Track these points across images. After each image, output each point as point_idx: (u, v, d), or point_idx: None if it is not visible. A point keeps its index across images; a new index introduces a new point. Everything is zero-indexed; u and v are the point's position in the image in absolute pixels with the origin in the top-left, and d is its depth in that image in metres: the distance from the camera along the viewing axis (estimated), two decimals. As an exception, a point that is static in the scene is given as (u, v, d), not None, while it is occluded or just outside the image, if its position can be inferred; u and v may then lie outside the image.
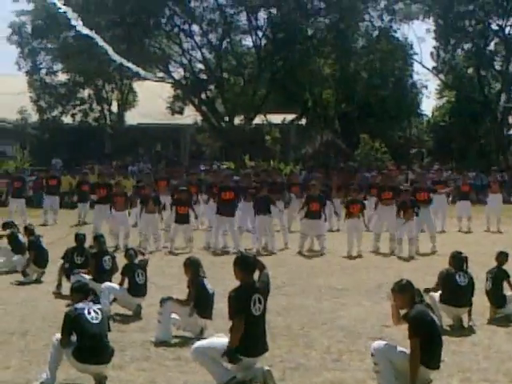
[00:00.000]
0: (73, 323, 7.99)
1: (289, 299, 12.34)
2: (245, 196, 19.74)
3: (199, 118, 45.34)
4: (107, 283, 11.56)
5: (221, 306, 10.56)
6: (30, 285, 14.04)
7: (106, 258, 12.49)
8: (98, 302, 8.50)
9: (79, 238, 13.53)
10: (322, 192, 19.74)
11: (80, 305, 8.15)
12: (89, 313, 8.02)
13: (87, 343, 7.88)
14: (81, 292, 8.44)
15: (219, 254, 18.10)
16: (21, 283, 14.15)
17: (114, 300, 11.47)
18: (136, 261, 11.70)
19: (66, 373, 8.21)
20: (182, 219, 18.82)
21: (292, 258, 17.73)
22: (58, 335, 8.07)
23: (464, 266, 10.84)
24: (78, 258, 13.18)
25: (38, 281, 14.27)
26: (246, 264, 8.08)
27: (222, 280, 12.05)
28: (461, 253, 11.03)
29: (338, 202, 22.78)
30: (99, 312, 8.13)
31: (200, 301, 9.90)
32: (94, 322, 7.99)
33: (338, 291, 13.26)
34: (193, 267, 10.08)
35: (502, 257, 11.36)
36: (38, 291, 13.41)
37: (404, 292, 7.85)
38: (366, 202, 20.41)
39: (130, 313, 11.32)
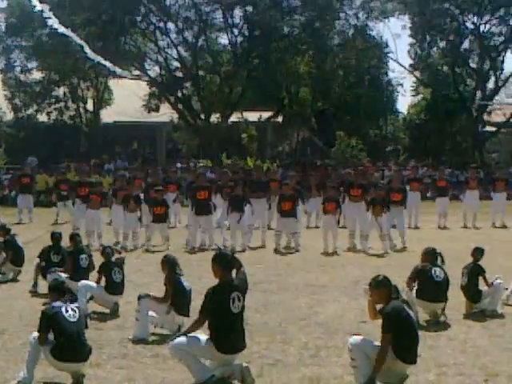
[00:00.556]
0: (50, 321, 7.97)
1: (266, 296, 12.37)
2: (221, 194, 19.87)
3: (175, 116, 45.23)
4: (84, 281, 11.54)
5: (198, 303, 10.55)
6: (6, 284, 13.96)
7: (83, 256, 12.46)
8: (75, 301, 8.48)
9: (55, 237, 13.50)
10: (296, 190, 19.85)
11: (57, 303, 8.13)
12: (66, 311, 8.01)
13: (65, 341, 7.87)
14: (58, 290, 8.42)
15: (196, 251, 18.09)
16: (-4, 282, 14.09)
17: (91, 298, 11.46)
18: (113, 259, 11.68)
19: (43, 371, 8.19)
20: (158, 219, 18.88)
21: (269, 255, 17.77)
22: (36, 334, 8.05)
23: (438, 261, 10.93)
24: (55, 256, 13.14)
25: (14, 280, 14.20)
26: (224, 262, 8.10)
27: (199, 278, 12.08)
28: (434, 248, 11.11)
29: (318, 200, 22.86)
30: (76, 310, 8.12)
31: (177, 298, 9.90)
32: (72, 320, 7.98)
33: (315, 288, 13.30)
34: (169, 265, 10.09)
35: (477, 253, 11.45)
36: (14, 290, 13.35)
37: (380, 287, 7.90)
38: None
39: (107, 311, 11.31)
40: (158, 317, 9.98)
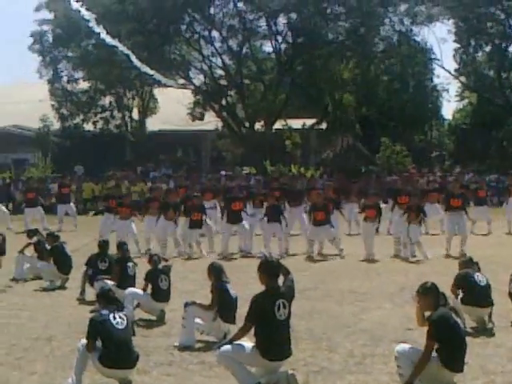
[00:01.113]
0: (98, 328, 8.08)
1: (311, 303, 12.36)
2: (254, 202, 20.07)
3: (220, 124, 45.44)
4: (131, 289, 11.65)
5: (244, 310, 10.63)
6: (54, 291, 14.15)
7: (130, 264, 12.59)
8: (123, 309, 8.57)
9: (102, 245, 13.66)
10: (330, 199, 19.89)
11: (105, 310, 8.24)
12: (114, 318, 8.11)
13: (113, 348, 7.97)
14: (105, 298, 8.53)
15: (240, 257, 18.19)
16: (45, 289, 14.28)
17: (138, 305, 11.56)
18: (160, 266, 11.78)
19: (91, 378, 8.30)
20: (195, 225, 19.07)
21: (311, 262, 17.76)
22: (84, 341, 8.16)
23: (476, 268, 10.86)
24: (102, 264, 13.28)
25: (62, 287, 14.39)
26: (270, 269, 8.13)
27: (245, 285, 12.11)
28: (471, 258, 11.07)
29: (356, 206, 22.88)
30: (124, 317, 8.22)
31: (223, 305, 9.95)
32: (119, 327, 8.07)
33: (360, 295, 13.27)
34: (215, 272, 10.15)
35: None
36: (62, 297, 13.53)
37: (428, 294, 7.87)
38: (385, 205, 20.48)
39: (153, 318, 11.40)
40: (204, 324, 10.04)
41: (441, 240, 19.05)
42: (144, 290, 11.54)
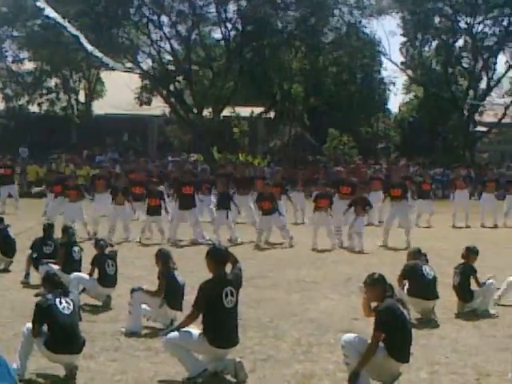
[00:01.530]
0: (44, 313, 7.96)
1: (259, 291, 12.37)
2: (201, 189, 20.11)
3: (167, 110, 45.17)
4: (76, 273, 11.53)
5: (191, 297, 10.58)
6: (-4, 274, 13.94)
7: (75, 248, 12.44)
8: (68, 294, 8.45)
9: (47, 228, 13.47)
10: (279, 186, 19.95)
11: (51, 295, 8.12)
12: (60, 303, 7.99)
13: (59, 333, 7.87)
14: (51, 282, 8.41)
15: (189, 245, 18.13)
16: (-12, 273, 14.05)
17: (83, 290, 11.43)
18: (106, 251, 11.67)
19: (36, 362, 8.17)
20: (153, 211, 18.86)
21: (261, 250, 17.79)
22: (29, 325, 8.03)
23: (424, 260, 10.98)
24: (47, 247, 13.11)
25: (5, 270, 14.17)
26: (218, 256, 8.11)
27: (192, 272, 12.07)
28: (419, 248, 11.19)
29: (302, 195, 23.06)
30: (70, 302, 8.11)
31: (170, 292, 9.91)
32: (66, 312, 7.97)
33: (308, 284, 13.33)
34: (163, 258, 10.10)
35: (470, 252, 11.47)
36: (6, 280, 13.31)
37: (375, 285, 7.91)
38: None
39: (99, 303, 11.30)
40: (150, 310, 9.97)
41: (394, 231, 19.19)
42: (90, 274, 11.42)
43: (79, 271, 11.82)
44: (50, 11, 17.99)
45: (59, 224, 15.00)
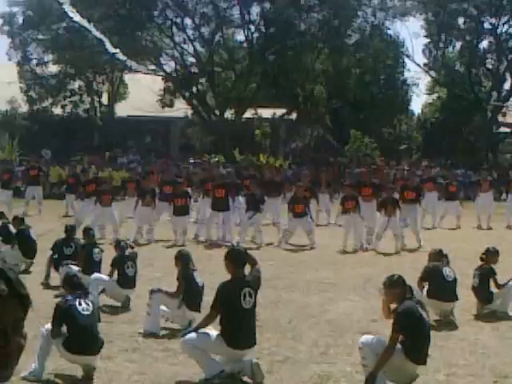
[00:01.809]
0: (64, 314, 8.02)
1: (277, 293, 12.38)
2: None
3: (189, 112, 45.31)
4: (96, 274, 11.59)
5: (210, 298, 10.63)
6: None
7: (96, 249, 12.52)
8: (88, 295, 8.51)
9: (68, 229, 13.55)
10: (309, 190, 19.95)
11: (71, 296, 8.17)
12: (79, 304, 8.05)
13: (78, 334, 7.92)
14: (71, 283, 8.47)
15: (210, 247, 18.17)
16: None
17: (103, 291, 11.49)
18: (126, 252, 11.72)
19: (54, 363, 8.23)
20: (180, 211, 18.93)
21: (281, 252, 17.79)
22: (47, 326, 8.09)
23: (445, 261, 10.94)
24: (67, 249, 13.18)
25: (26, 271, 14.25)
26: (236, 258, 8.14)
27: (212, 273, 12.10)
28: (441, 249, 11.14)
29: (327, 197, 23.02)
30: (90, 304, 8.17)
31: (189, 293, 9.94)
32: (85, 313, 8.03)
33: (326, 285, 13.32)
34: (183, 260, 10.13)
35: (489, 254, 11.42)
36: (26, 281, 13.22)
37: (395, 287, 7.88)
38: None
39: (118, 304, 11.35)
40: (169, 311, 10.01)
41: (410, 233, 19.11)
42: (110, 275, 11.48)
43: (99, 272, 11.89)
44: (75, 15, 18.16)
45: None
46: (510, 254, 15.82)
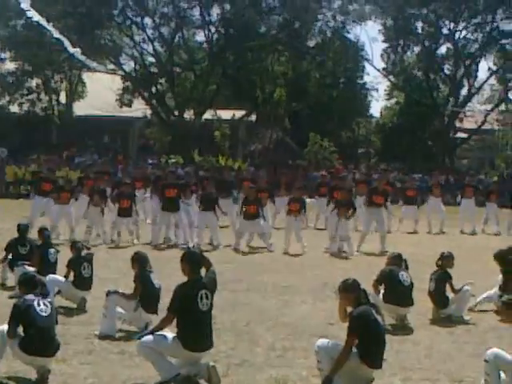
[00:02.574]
0: (22, 315, 7.89)
1: (235, 295, 12.35)
2: (185, 193, 19.88)
3: (148, 112, 45.12)
4: (52, 275, 11.45)
5: (167, 300, 10.55)
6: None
7: (51, 250, 12.38)
8: (47, 295, 8.39)
9: (22, 229, 13.36)
10: (266, 191, 19.97)
11: (29, 296, 8.04)
12: (38, 305, 7.94)
13: (35, 335, 7.80)
14: (29, 284, 8.34)
15: (165, 248, 18.10)
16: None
17: (58, 292, 11.36)
18: (83, 254, 11.62)
19: (7, 366, 8.11)
20: (124, 212, 18.81)
21: (238, 254, 17.78)
22: (3, 327, 7.97)
23: (403, 266, 11.01)
24: (22, 248, 12.99)
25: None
26: (193, 260, 8.10)
27: (168, 275, 12.03)
28: (400, 254, 11.20)
29: (285, 200, 23.01)
30: (48, 305, 8.06)
31: (146, 295, 9.88)
32: (43, 314, 7.91)
33: (284, 288, 13.32)
34: (140, 262, 10.07)
35: (445, 259, 11.51)
36: None
37: (350, 291, 7.90)
38: (313, 200, 20.68)
39: (73, 306, 11.24)
40: (125, 313, 9.94)
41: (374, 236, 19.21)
42: (66, 277, 11.36)
43: (55, 273, 11.76)
44: (33, 13, 17.90)
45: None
46: (466, 258, 16.02)
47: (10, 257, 12.87)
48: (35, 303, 7.96)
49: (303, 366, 8.63)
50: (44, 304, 8.02)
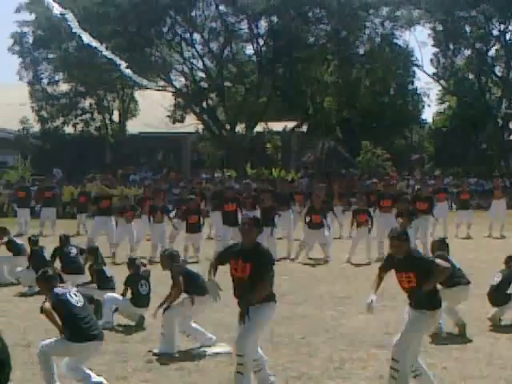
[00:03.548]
0: (61, 310, 8.04)
1: (291, 308, 12.34)
2: (245, 205, 19.81)
3: (200, 127, 45.42)
4: (110, 294, 11.58)
5: (225, 315, 10.68)
6: (32, 296, 14.02)
7: (106, 268, 12.66)
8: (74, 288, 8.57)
9: (63, 240, 14.22)
10: (324, 202, 19.92)
11: (59, 290, 8.16)
12: (71, 296, 8.06)
13: (79, 324, 7.94)
14: (49, 279, 8.45)
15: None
16: (23, 295, 14.18)
17: (116, 310, 11.48)
18: (140, 271, 11.73)
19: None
20: (192, 229, 18.88)
21: (294, 266, 17.78)
22: (43, 343, 8.11)
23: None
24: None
25: (39, 293, 14.24)
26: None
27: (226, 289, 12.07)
28: (444, 238, 11.26)
29: (340, 209, 22.97)
30: (79, 295, 8.18)
31: (193, 285, 10.04)
32: (79, 305, 8.04)
33: (340, 299, 13.30)
34: (172, 259, 10.43)
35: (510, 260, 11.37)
36: (40, 303, 13.35)
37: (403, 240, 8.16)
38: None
39: (132, 323, 11.34)
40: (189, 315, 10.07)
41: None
42: (124, 294, 11.48)
43: (114, 289, 11.91)
44: (84, 35, 18.22)
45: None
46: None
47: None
48: (68, 296, 8.10)
49: (361, 378, 8.62)
50: (75, 295, 8.16)
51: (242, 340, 7.62)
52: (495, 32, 45.33)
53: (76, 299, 8.09)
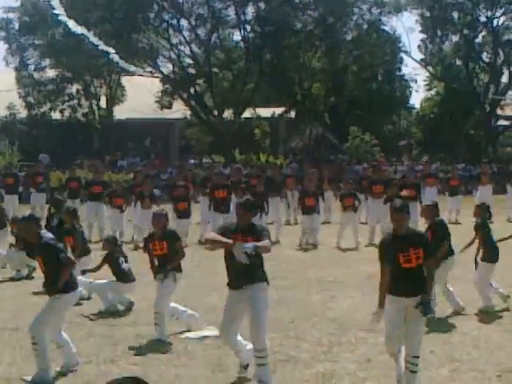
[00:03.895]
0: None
1: (279, 292, 12.32)
2: (236, 191, 19.74)
3: (188, 113, 45.33)
4: (96, 284, 11.53)
5: (213, 299, 10.69)
6: (20, 281, 14.03)
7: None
8: None
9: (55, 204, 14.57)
10: (316, 187, 19.96)
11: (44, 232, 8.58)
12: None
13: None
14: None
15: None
16: (11, 279, 14.15)
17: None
18: (116, 249, 11.84)
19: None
20: (182, 214, 18.90)
21: (282, 251, 17.75)
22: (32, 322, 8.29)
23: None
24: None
25: (28, 277, 14.25)
26: None
27: (215, 273, 12.09)
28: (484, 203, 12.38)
29: (330, 194, 23.03)
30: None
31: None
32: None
33: (329, 283, 13.33)
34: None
35: None
36: (28, 286, 13.39)
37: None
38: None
39: (121, 307, 11.34)
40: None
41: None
42: (98, 267, 11.67)
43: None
44: (70, 23, 18.08)
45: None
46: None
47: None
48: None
49: (350, 361, 8.65)
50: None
51: (263, 336, 7.68)
52: (482, 18, 45.42)
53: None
